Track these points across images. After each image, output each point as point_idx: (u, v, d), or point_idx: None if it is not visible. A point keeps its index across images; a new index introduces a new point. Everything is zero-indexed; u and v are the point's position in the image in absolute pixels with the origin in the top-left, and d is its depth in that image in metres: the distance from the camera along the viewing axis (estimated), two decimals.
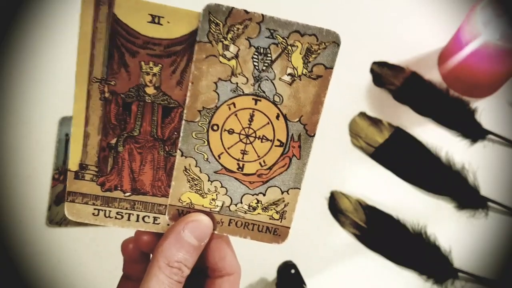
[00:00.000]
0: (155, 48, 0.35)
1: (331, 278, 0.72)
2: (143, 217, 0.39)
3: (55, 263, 0.71)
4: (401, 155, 0.77)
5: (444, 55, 0.79)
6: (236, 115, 0.37)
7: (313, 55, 0.36)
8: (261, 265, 0.71)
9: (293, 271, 0.70)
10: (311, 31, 0.35)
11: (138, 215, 0.39)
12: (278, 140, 0.38)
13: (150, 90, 0.37)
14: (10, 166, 0.74)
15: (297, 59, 0.36)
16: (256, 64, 0.36)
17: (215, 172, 0.39)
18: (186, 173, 0.38)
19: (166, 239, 0.37)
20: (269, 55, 0.36)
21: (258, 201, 0.40)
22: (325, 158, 0.74)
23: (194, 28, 0.35)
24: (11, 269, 0.71)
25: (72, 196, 0.38)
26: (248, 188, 0.39)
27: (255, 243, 0.41)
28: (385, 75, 0.80)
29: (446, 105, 0.78)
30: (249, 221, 0.40)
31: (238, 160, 0.38)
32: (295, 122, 0.38)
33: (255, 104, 0.37)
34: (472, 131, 0.77)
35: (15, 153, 0.75)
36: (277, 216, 0.40)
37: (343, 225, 0.73)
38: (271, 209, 0.40)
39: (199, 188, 0.39)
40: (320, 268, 0.72)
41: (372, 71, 0.80)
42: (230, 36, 0.35)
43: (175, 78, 0.36)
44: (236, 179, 0.39)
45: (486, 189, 0.74)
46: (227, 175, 0.39)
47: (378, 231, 0.73)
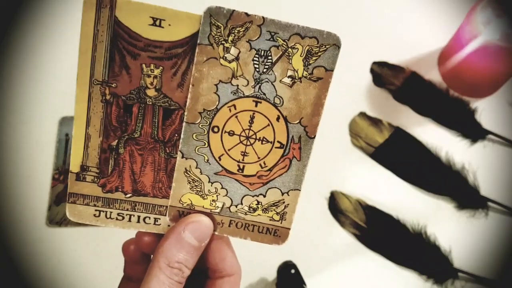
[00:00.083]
0: (156, 51, 0.35)
1: (331, 278, 0.72)
2: (144, 218, 0.40)
3: (55, 263, 0.71)
4: (401, 155, 0.77)
5: (444, 55, 0.79)
6: (236, 117, 0.37)
7: (314, 57, 0.36)
8: (261, 265, 0.71)
9: (293, 271, 0.70)
10: (311, 34, 0.35)
11: (139, 216, 0.39)
12: (279, 142, 0.38)
13: (151, 92, 0.37)
14: (10, 166, 0.74)
15: (297, 61, 0.36)
16: (257, 66, 0.36)
17: (216, 173, 0.39)
18: (186, 174, 0.38)
19: (166, 240, 0.37)
20: (269, 57, 0.36)
21: (259, 202, 0.40)
22: (325, 158, 0.73)
23: (195, 30, 0.35)
24: (11, 269, 0.71)
25: (73, 198, 0.39)
26: (249, 189, 0.39)
27: (255, 243, 0.41)
28: (385, 75, 0.80)
29: (446, 105, 0.78)
30: (249, 222, 0.40)
31: (238, 161, 0.38)
32: (295, 124, 0.38)
33: (256, 106, 0.37)
34: (472, 131, 0.77)
35: (15, 153, 0.75)
36: (277, 217, 0.40)
37: (343, 225, 0.73)
38: (271, 210, 0.40)
39: (199, 190, 0.39)
40: (320, 268, 0.72)
41: (372, 71, 0.80)
42: (231, 38, 0.35)
43: (176, 80, 0.36)
44: (237, 180, 0.39)
45: (486, 189, 0.74)
46: (228, 176, 0.39)
47: (378, 231, 0.73)
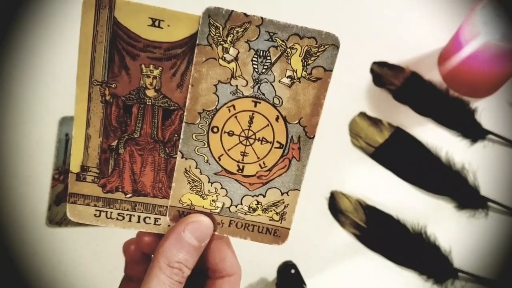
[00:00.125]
0: (155, 51, 0.36)
1: (331, 278, 0.72)
2: (144, 218, 0.40)
3: (55, 263, 0.71)
4: (401, 155, 0.77)
5: (444, 55, 0.79)
6: (236, 117, 0.37)
7: (313, 58, 0.36)
8: (261, 265, 0.71)
9: (293, 271, 0.70)
10: (310, 34, 0.35)
11: (139, 216, 0.40)
12: (278, 142, 0.38)
13: (150, 93, 0.37)
14: (10, 166, 0.74)
15: (296, 62, 0.36)
16: (256, 66, 0.36)
17: (215, 173, 0.39)
18: (186, 174, 0.39)
19: (166, 240, 0.38)
20: (268, 57, 0.36)
21: (258, 203, 0.40)
22: (325, 158, 0.73)
23: (194, 31, 0.35)
24: (11, 269, 0.71)
25: (74, 198, 0.39)
26: (248, 189, 0.39)
27: (255, 243, 0.41)
28: (385, 75, 0.80)
29: (446, 105, 0.78)
30: (249, 222, 0.40)
31: (238, 161, 0.39)
32: (294, 124, 0.38)
33: (255, 106, 0.37)
34: (472, 131, 0.77)
35: (15, 153, 0.75)
36: (277, 217, 0.40)
37: (343, 225, 0.73)
38: (271, 210, 0.40)
39: (199, 190, 0.39)
40: (320, 268, 0.72)
41: (372, 71, 0.80)
42: (229, 39, 0.35)
43: (175, 80, 0.36)
44: (236, 180, 0.39)
45: (486, 189, 0.74)
46: (227, 176, 0.39)
47: (378, 231, 0.73)
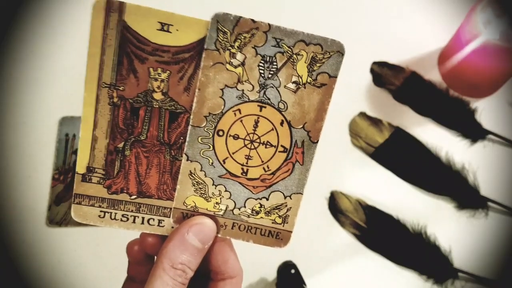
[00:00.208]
0: (163, 55, 0.36)
1: (331, 278, 0.72)
2: (148, 219, 0.40)
3: (55, 263, 0.71)
4: (401, 155, 0.77)
5: (444, 55, 0.79)
6: (241, 121, 0.38)
7: (318, 64, 0.36)
8: (261, 265, 0.71)
9: (293, 271, 0.70)
10: (316, 41, 0.36)
11: (143, 218, 0.40)
12: (282, 146, 0.38)
13: (158, 96, 0.37)
14: (10, 166, 0.74)
15: (302, 68, 0.36)
16: (262, 72, 0.36)
17: (220, 176, 0.39)
18: (191, 177, 0.39)
19: (170, 241, 0.38)
20: (274, 63, 0.36)
21: (261, 206, 0.40)
22: (325, 158, 0.73)
23: (202, 36, 0.35)
24: (11, 269, 0.71)
25: (79, 199, 0.39)
26: (252, 192, 0.40)
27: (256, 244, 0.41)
28: (385, 75, 0.80)
29: (446, 105, 0.78)
30: (252, 225, 0.40)
31: (242, 165, 0.39)
32: (299, 128, 0.38)
33: (260, 110, 0.37)
34: (472, 131, 0.77)
35: (15, 153, 0.75)
36: (279, 221, 0.40)
37: (343, 225, 0.73)
38: (273, 214, 0.40)
39: (203, 192, 0.39)
40: (320, 268, 0.72)
41: (372, 71, 0.80)
42: (237, 44, 0.36)
43: (182, 84, 0.37)
44: (240, 183, 0.39)
45: (486, 189, 0.75)
46: (231, 179, 0.39)
47: (378, 231, 0.73)
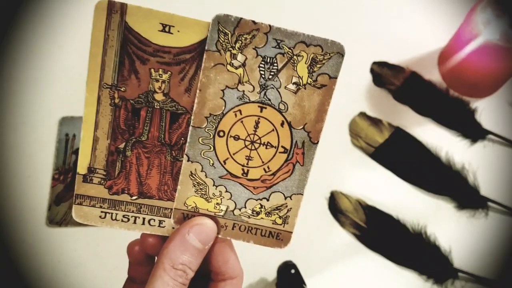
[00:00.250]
0: (165, 56, 0.36)
1: (331, 278, 0.72)
2: (149, 220, 0.40)
3: (55, 263, 0.71)
4: (401, 155, 0.77)
5: (444, 55, 0.79)
6: (242, 122, 0.38)
7: (318, 65, 0.37)
8: (261, 265, 0.71)
9: (293, 271, 0.70)
10: (316, 42, 0.36)
11: (144, 218, 0.40)
12: (282, 147, 0.39)
13: (159, 97, 0.37)
14: (10, 166, 0.74)
15: (302, 69, 0.37)
16: (263, 73, 0.36)
17: (220, 177, 0.39)
18: (192, 177, 0.39)
19: (171, 242, 0.38)
20: (275, 64, 0.36)
21: (262, 206, 0.40)
22: (325, 158, 0.73)
23: (203, 37, 0.36)
24: (11, 269, 0.71)
25: (80, 199, 0.39)
26: (252, 193, 0.40)
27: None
28: (385, 75, 0.80)
29: (446, 105, 0.78)
30: (252, 225, 0.40)
31: (243, 165, 0.39)
32: (299, 129, 0.38)
33: (261, 111, 0.38)
34: (472, 131, 0.77)
35: (15, 153, 0.75)
36: (280, 221, 0.40)
37: (343, 225, 0.73)
38: (274, 214, 0.40)
39: (204, 193, 0.39)
40: (320, 268, 0.72)
41: (372, 71, 0.80)
42: (238, 45, 0.36)
43: (183, 85, 0.37)
44: (241, 184, 0.39)
45: (486, 189, 0.74)
46: (232, 180, 0.39)
47: (378, 231, 0.73)
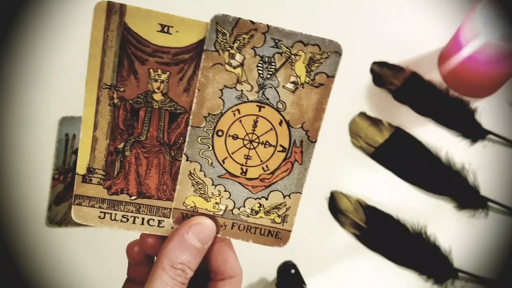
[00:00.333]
0: (163, 56, 0.36)
1: (331, 278, 0.72)
2: (148, 220, 0.40)
3: (55, 263, 0.71)
4: (401, 155, 0.77)
5: (444, 55, 0.79)
6: (240, 121, 0.38)
7: (316, 64, 0.37)
8: (261, 265, 0.71)
9: (293, 271, 0.70)
10: (314, 41, 0.36)
11: (143, 218, 0.40)
12: (281, 146, 0.39)
13: (157, 97, 0.37)
14: (10, 166, 0.74)
15: (300, 68, 0.37)
16: (261, 72, 0.37)
17: (219, 176, 0.39)
18: (190, 177, 0.39)
19: (170, 241, 0.38)
20: (273, 63, 0.37)
21: (261, 205, 0.40)
22: (325, 158, 0.73)
23: (202, 37, 0.36)
24: (11, 269, 0.71)
25: (79, 199, 0.39)
26: (251, 192, 0.40)
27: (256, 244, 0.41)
28: (385, 75, 0.80)
29: (446, 105, 0.78)
30: (251, 224, 0.40)
31: (241, 165, 0.39)
32: (297, 128, 0.38)
33: (259, 110, 0.38)
34: (472, 131, 0.77)
35: (15, 153, 0.75)
36: (278, 220, 0.40)
37: (343, 225, 0.73)
38: (273, 213, 0.40)
39: (203, 192, 0.39)
40: (320, 268, 0.72)
41: (372, 71, 0.81)
42: (236, 45, 0.36)
43: (182, 85, 0.37)
44: (240, 183, 0.39)
45: (486, 189, 0.75)
46: (231, 179, 0.39)
47: (378, 231, 0.73)
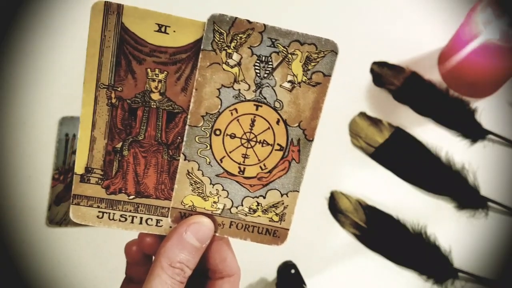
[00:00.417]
0: (161, 56, 0.36)
1: (331, 278, 0.72)
2: (146, 219, 0.40)
3: (55, 263, 0.71)
4: (401, 155, 0.77)
5: (444, 55, 0.79)
6: (238, 120, 0.38)
7: (312, 63, 0.37)
8: (261, 265, 0.71)
9: (293, 271, 0.70)
10: (310, 40, 0.36)
11: (141, 218, 0.40)
12: (278, 145, 0.39)
13: (155, 96, 0.37)
14: (10, 166, 0.74)
15: (297, 67, 0.37)
16: (258, 71, 0.37)
17: (217, 175, 0.39)
18: (188, 176, 0.39)
19: (168, 241, 0.38)
20: (270, 63, 0.37)
21: (258, 204, 0.40)
22: (325, 158, 0.74)
23: (199, 37, 0.36)
24: (11, 269, 0.71)
25: (77, 199, 0.39)
26: (249, 191, 0.40)
27: (255, 243, 0.41)
28: (385, 75, 0.80)
29: (446, 105, 0.78)
30: (249, 223, 0.41)
31: (239, 163, 0.39)
32: (294, 127, 0.38)
33: (256, 109, 0.38)
34: (472, 131, 0.77)
35: (15, 153, 0.75)
36: (276, 218, 0.41)
37: (343, 225, 0.73)
38: (271, 212, 0.40)
39: (201, 191, 0.39)
40: (320, 268, 0.72)
41: (372, 71, 0.80)
42: (233, 44, 0.36)
43: (179, 84, 0.37)
44: (237, 182, 0.40)
45: (486, 189, 0.74)
46: (229, 178, 0.39)
47: (378, 231, 0.73)
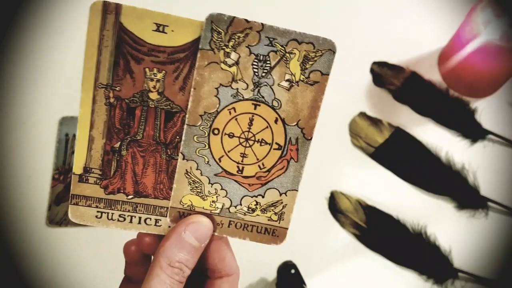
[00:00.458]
0: (159, 55, 0.36)
1: (331, 278, 0.72)
2: (145, 219, 0.40)
3: (55, 263, 0.71)
4: (401, 155, 0.77)
5: (444, 55, 0.79)
6: (236, 119, 0.38)
7: (310, 62, 0.37)
8: (261, 265, 0.71)
9: (293, 271, 0.70)
10: (308, 39, 0.36)
11: (140, 218, 0.40)
12: (277, 144, 0.39)
13: (153, 96, 0.37)
14: (10, 166, 0.74)
15: (295, 66, 0.37)
16: (256, 70, 0.37)
17: (216, 174, 0.39)
18: (187, 176, 0.39)
19: (167, 240, 0.38)
20: (268, 62, 0.37)
21: (257, 203, 0.40)
22: (325, 158, 0.74)
23: (197, 36, 0.36)
24: (11, 269, 0.71)
25: (76, 199, 0.39)
26: (248, 190, 0.40)
27: (255, 243, 0.41)
28: (385, 75, 0.80)
29: (446, 105, 0.78)
30: (248, 222, 0.41)
31: (238, 163, 0.39)
32: (293, 126, 0.38)
33: (255, 108, 0.38)
34: (472, 131, 0.77)
35: (15, 153, 0.75)
36: (275, 218, 0.41)
37: (343, 225, 0.73)
38: (269, 211, 0.40)
39: (199, 191, 0.39)
40: (320, 268, 0.72)
41: (372, 71, 0.80)
42: (231, 44, 0.36)
43: (178, 84, 0.37)
44: (236, 181, 0.40)
45: (486, 189, 0.74)
46: (227, 177, 0.39)
47: (378, 231, 0.73)
